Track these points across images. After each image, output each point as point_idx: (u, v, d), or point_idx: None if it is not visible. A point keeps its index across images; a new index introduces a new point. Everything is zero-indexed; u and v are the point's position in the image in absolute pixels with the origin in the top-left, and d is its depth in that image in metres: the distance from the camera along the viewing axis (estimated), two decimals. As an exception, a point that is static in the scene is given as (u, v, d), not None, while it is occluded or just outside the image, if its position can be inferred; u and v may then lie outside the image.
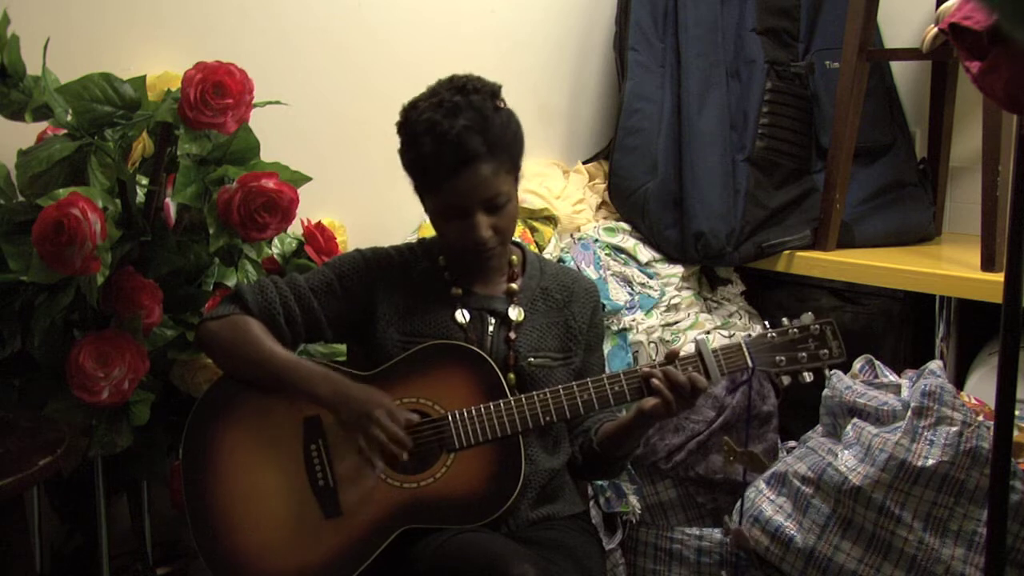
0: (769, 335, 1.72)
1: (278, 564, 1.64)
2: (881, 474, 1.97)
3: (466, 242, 1.70)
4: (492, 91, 1.69)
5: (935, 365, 2.09)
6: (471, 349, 1.70)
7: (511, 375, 1.74)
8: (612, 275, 2.55)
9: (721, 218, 2.58)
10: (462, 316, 1.76)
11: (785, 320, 1.74)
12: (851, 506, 2.01)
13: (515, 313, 1.78)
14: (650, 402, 1.66)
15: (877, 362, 2.22)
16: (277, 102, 1.89)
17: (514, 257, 1.84)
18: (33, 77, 1.74)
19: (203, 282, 1.93)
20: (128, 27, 2.11)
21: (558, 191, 2.68)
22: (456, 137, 1.62)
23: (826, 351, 1.72)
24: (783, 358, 1.71)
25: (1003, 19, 0.88)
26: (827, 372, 1.75)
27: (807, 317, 1.74)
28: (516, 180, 1.74)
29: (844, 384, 2.15)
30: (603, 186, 2.81)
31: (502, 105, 1.70)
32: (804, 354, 1.71)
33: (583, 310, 1.85)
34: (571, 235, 2.62)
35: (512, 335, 1.76)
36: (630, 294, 2.52)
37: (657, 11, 2.75)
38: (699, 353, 1.68)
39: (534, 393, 1.67)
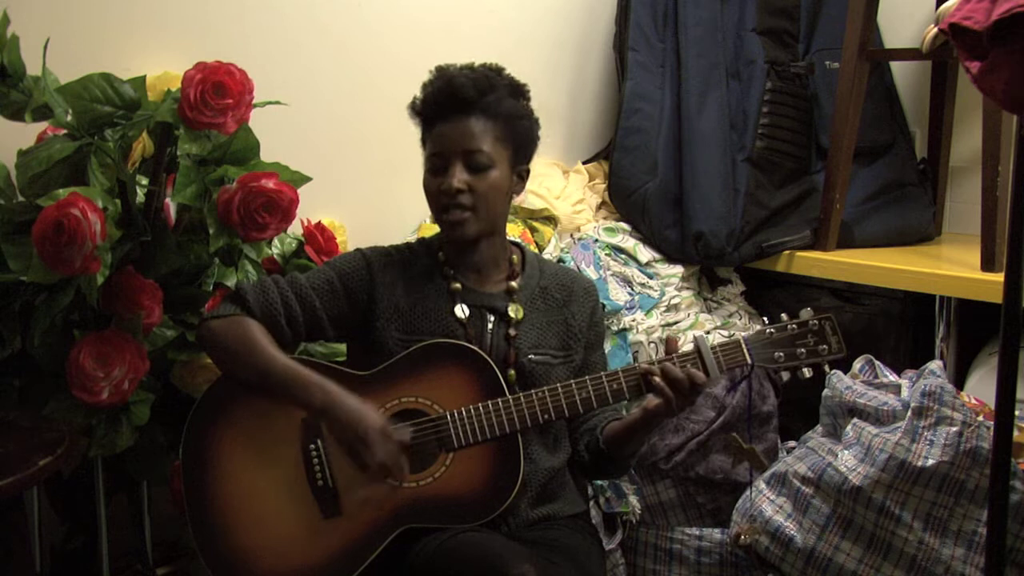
0: (768, 331, 1.72)
1: (278, 564, 1.64)
2: (881, 474, 1.97)
3: (440, 195, 1.72)
4: (515, 83, 1.80)
5: (935, 365, 2.09)
6: (470, 348, 1.70)
7: (511, 372, 1.74)
8: (612, 275, 2.55)
9: (721, 218, 2.58)
10: (462, 312, 1.76)
11: (784, 316, 1.74)
12: (851, 506, 2.01)
13: (514, 311, 1.78)
14: (653, 401, 1.66)
15: (877, 362, 2.22)
16: (277, 102, 1.89)
17: (514, 256, 1.85)
18: (33, 77, 1.73)
19: (203, 282, 1.93)
20: (128, 27, 2.11)
21: (558, 191, 2.68)
22: (454, 78, 1.73)
23: (825, 346, 1.72)
24: (782, 354, 1.71)
25: None
26: (827, 372, 1.75)
27: (806, 312, 1.74)
28: (512, 167, 1.77)
29: (844, 384, 2.15)
30: (603, 186, 2.81)
31: (523, 102, 1.80)
32: (803, 350, 1.71)
33: (582, 309, 1.85)
34: (571, 235, 2.62)
35: (512, 332, 1.76)
36: (630, 294, 2.52)
37: (657, 11, 2.75)
38: (698, 350, 1.68)
39: (532, 392, 1.67)
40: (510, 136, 1.75)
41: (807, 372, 1.71)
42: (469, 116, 1.72)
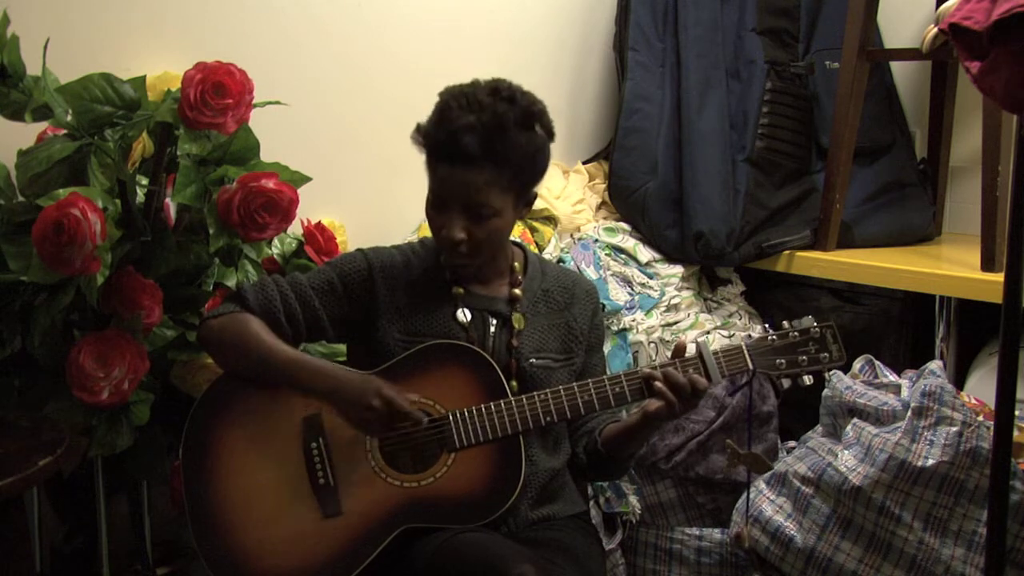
0: (769, 338, 1.72)
1: (278, 563, 1.64)
2: (881, 474, 1.97)
3: (438, 236, 1.71)
4: (529, 109, 1.66)
5: (935, 365, 2.09)
6: (472, 349, 1.70)
7: (513, 382, 1.74)
8: (612, 275, 2.55)
9: (721, 218, 2.58)
10: (463, 315, 1.76)
11: (786, 323, 1.74)
12: (851, 506, 2.01)
13: (517, 321, 1.78)
14: (654, 404, 1.66)
15: (877, 362, 2.22)
16: (277, 102, 1.89)
17: (516, 264, 1.84)
18: (33, 77, 1.73)
19: (203, 282, 1.93)
20: (128, 27, 2.11)
21: (558, 191, 2.68)
22: (456, 130, 1.62)
23: (826, 354, 1.72)
24: (783, 361, 1.71)
25: None
26: (827, 373, 1.75)
27: (807, 320, 1.74)
28: (517, 203, 1.71)
29: (844, 384, 2.15)
30: (603, 186, 2.81)
31: (537, 129, 1.68)
32: (804, 357, 1.72)
33: (584, 312, 1.85)
34: (571, 235, 2.62)
35: (515, 342, 1.76)
36: (630, 294, 2.52)
37: (657, 11, 2.75)
38: (700, 355, 1.68)
39: (534, 393, 1.67)
40: (518, 181, 1.67)
41: (808, 379, 1.72)
42: (473, 167, 1.62)
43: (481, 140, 1.61)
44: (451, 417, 1.66)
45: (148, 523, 2.07)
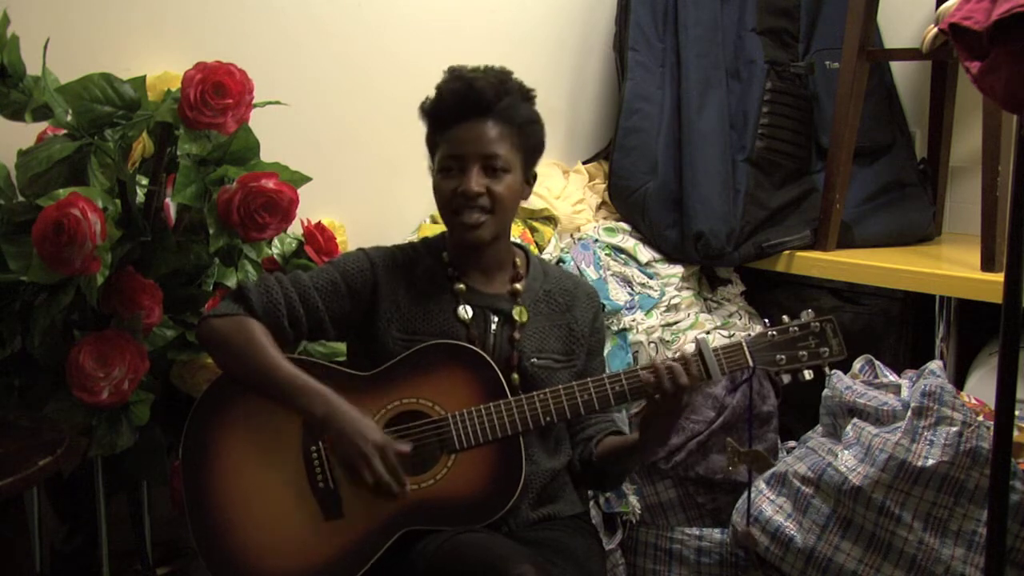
0: (769, 333, 1.72)
1: (278, 565, 1.64)
2: (881, 474, 1.97)
3: (458, 198, 1.71)
4: (523, 86, 1.80)
5: (935, 365, 2.09)
6: (472, 349, 1.70)
7: (515, 375, 1.74)
8: (612, 275, 2.55)
9: (721, 218, 2.58)
10: (465, 312, 1.76)
11: (785, 318, 1.74)
12: (851, 506, 2.01)
13: (519, 313, 1.78)
14: (646, 407, 1.67)
15: (877, 362, 2.22)
16: (277, 102, 1.89)
17: (517, 259, 1.84)
18: (33, 77, 1.73)
19: (203, 282, 1.93)
20: (128, 27, 2.11)
21: (558, 191, 2.68)
22: (474, 81, 1.73)
23: (826, 349, 1.72)
24: (783, 356, 1.71)
25: None
26: (827, 372, 1.75)
27: (807, 315, 1.74)
28: (525, 169, 1.78)
29: (844, 384, 2.15)
30: (603, 186, 2.81)
31: (533, 106, 1.80)
32: (804, 352, 1.72)
33: (585, 314, 1.85)
34: (571, 235, 2.62)
35: (516, 335, 1.76)
36: (630, 294, 2.52)
37: (657, 11, 2.75)
38: (699, 352, 1.68)
39: (534, 393, 1.67)
40: (523, 142, 1.76)
41: (808, 374, 1.72)
42: (487, 120, 1.72)
43: (493, 90, 1.72)
44: (451, 419, 1.66)
45: (148, 523, 2.06)
